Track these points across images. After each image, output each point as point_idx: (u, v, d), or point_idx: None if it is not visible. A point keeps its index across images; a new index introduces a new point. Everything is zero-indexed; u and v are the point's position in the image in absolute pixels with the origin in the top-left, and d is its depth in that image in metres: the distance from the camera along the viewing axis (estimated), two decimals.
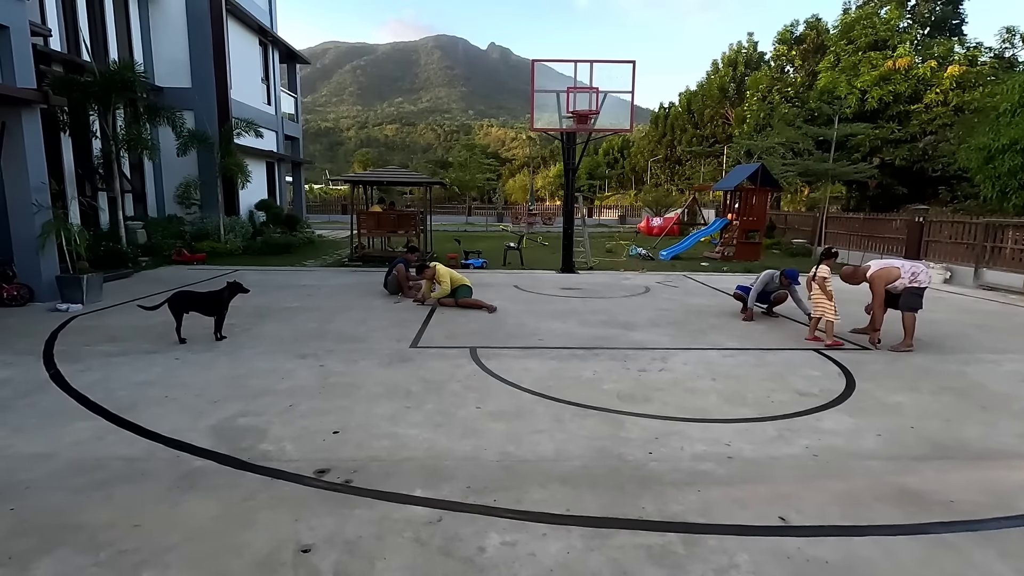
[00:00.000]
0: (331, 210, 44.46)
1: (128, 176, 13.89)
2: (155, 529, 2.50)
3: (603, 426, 3.76)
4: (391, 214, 14.12)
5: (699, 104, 45.92)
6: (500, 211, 42.15)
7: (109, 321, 6.58)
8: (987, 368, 5.32)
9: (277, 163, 20.65)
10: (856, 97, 22.50)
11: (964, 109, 20.94)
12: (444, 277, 7.77)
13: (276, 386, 4.41)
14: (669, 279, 11.31)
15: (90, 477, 2.95)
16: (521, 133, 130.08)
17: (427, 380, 4.63)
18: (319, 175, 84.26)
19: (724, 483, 3.03)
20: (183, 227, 14.27)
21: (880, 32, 23.69)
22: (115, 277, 9.38)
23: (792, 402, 4.29)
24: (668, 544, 2.47)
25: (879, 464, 3.30)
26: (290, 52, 21.77)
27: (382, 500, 2.78)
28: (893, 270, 5.95)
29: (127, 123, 12.02)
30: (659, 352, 5.66)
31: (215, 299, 5.81)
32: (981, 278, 11.43)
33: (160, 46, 15.07)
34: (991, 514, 2.75)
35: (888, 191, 23.41)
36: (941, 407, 4.26)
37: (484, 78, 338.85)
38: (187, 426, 3.61)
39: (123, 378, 4.52)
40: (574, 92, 11.49)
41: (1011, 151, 13.65)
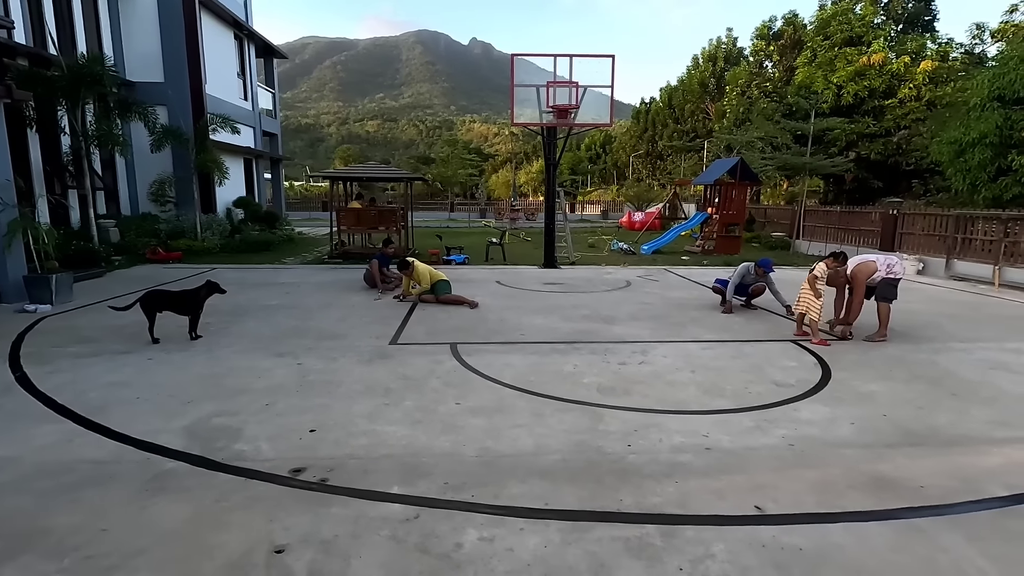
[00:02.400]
0: (311, 207, 44.00)
1: (99, 173, 13.53)
2: (124, 533, 2.44)
3: (583, 420, 3.77)
4: (372, 211, 13.98)
5: (680, 99, 46.25)
6: (483, 207, 42.07)
7: (79, 322, 6.41)
8: (957, 356, 5.44)
9: (255, 159, 20.31)
10: (832, 92, 22.82)
11: (936, 104, 21.38)
12: (423, 276, 7.74)
13: (253, 385, 4.34)
14: (650, 273, 11.39)
15: (57, 481, 2.87)
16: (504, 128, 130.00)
17: (407, 377, 4.59)
18: (299, 171, 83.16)
19: (702, 474, 3.05)
20: (158, 225, 13.94)
21: (855, 28, 24.05)
22: (86, 277, 9.15)
23: (769, 393, 4.35)
24: (646, 536, 2.47)
25: (853, 452, 3.35)
26: (267, 46, 21.39)
27: (359, 498, 2.75)
28: (871, 264, 6.07)
29: (97, 119, 11.69)
30: (639, 345, 5.69)
31: (190, 297, 5.68)
32: (952, 269, 11.71)
33: (130, 39, 14.68)
34: (960, 498, 2.81)
35: (864, 184, 23.84)
36: (913, 395, 4.35)
37: (466, 73, 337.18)
38: (159, 427, 3.53)
39: (93, 379, 4.41)
40: (554, 87, 11.48)
41: (980, 145, 13.97)
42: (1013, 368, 5.09)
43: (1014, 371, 5.00)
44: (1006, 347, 5.84)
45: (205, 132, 14.24)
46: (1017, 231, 10.50)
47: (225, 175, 15.01)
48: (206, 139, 14.22)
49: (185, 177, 14.53)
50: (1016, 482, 2.97)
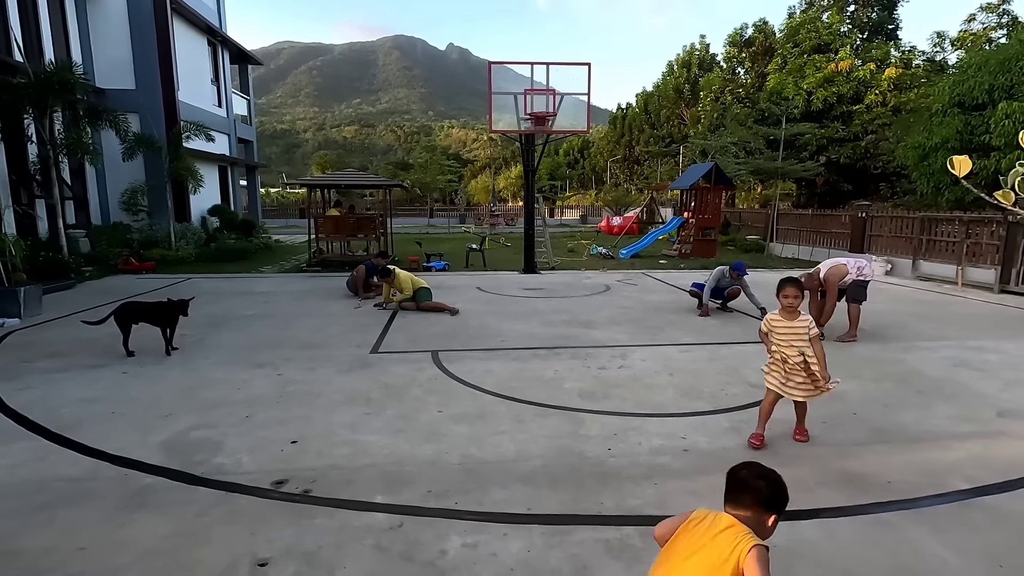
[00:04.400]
0: (289, 214, 43.46)
1: (68, 182, 13.21)
2: (101, 552, 2.40)
3: (564, 425, 3.82)
4: (350, 218, 13.90)
5: (656, 105, 46.92)
6: (462, 212, 42.05)
7: (50, 335, 6.26)
8: (923, 355, 5.65)
9: (230, 167, 20.02)
10: (803, 98, 23.46)
11: (901, 109, 22.12)
12: (404, 283, 7.75)
13: (231, 397, 4.30)
14: (629, 277, 11.54)
15: (29, 500, 2.81)
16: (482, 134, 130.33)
17: (388, 385, 4.59)
18: (276, 178, 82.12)
19: (680, 476, 3.13)
20: (130, 234, 13.65)
21: (823, 36, 24.77)
22: (56, 288, 8.92)
23: (745, 394, 4.45)
24: (626, 537, 2.53)
25: (824, 450, 3.46)
26: (241, 52, 21.15)
27: (342, 508, 2.75)
28: (842, 267, 6.26)
29: (66, 127, 11.43)
30: (619, 349, 5.78)
31: (166, 309, 5.57)
32: (918, 269, 12.11)
33: (100, 46, 14.38)
34: (924, 492, 2.93)
35: (834, 188, 24.50)
36: (881, 394, 4.50)
37: (444, 79, 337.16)
38: (136, 442, 3.48)
39: (66, 395, 4.32)
40: (532, 94, 11.59)
41: (943, 149, 14.47)
42: (974, 365, 5.30)
43: (975, 368, 5.21)
44: (968, 345, 6.07)
45: (178, 139, 14.00)
46: (978, 232, 10.91)
47: (199, 183, 14.78)
48: (180, 147, 13.99)
49: (158, 185, 14.26)
50: (976, 475, 3.10)
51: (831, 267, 6.32)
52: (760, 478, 1.68)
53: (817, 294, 6.45)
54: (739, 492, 1.68)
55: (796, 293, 3.43)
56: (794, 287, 3.46)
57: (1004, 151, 12.86)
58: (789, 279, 3.55)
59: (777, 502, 1.66)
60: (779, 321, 3.46)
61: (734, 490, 1.70)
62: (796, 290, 3.44)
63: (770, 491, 1.66)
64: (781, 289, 3.49)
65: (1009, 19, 21.12)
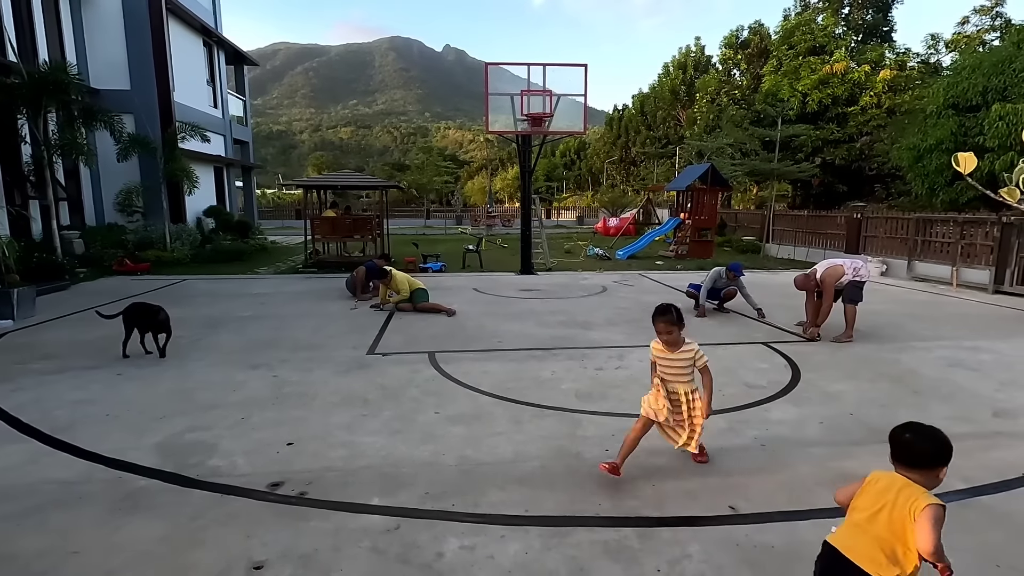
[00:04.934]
0: (285, 215, 43.33)
1: (63, 183, 13.13)
2: (94, 555, 2.38)
3: (561, 426, 3.81)
4: (347, 219, 13.87)
5: (652, 106, 47.07)
6: (459, 214, 42.03)
7: (43, 337, 6.21)
8: (919, 355, 5.66)
9: (226, 168, 19.96)
10: (798, 100, 23.56)
11: (896, 111, 22.24)
12: (401, 284, 7.73)
13: (227, 399, 4.27)
14: (625, 278, 11.54)
15: (22, 503, 2.78)
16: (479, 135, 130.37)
17: (385, 387, 4.58)
18: (272, 179, 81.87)
19: (677, 476, 3.12)
20: (125, 236, 13.58)
21: (818, 38, 24.90)
22: (50, 290, 8.86)
23: (742, 395, 4.45)
24: (623, 539, 2.52)
25: (821, 450, 3.47)
26: (237, 53, 21.09)
27: (338, 511, 2.73)
28: (838, 268, 6.28)
29: (60, 127, 11.37)
30: (616, 350, 5.77)
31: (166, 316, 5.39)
32: (913, 270, 12.16)
33: (95, 46, 14.31)
34: None
35: (830, 189, 24.61)
36: (878, 394, 4.51)
37: (440, 80, 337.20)
38: (130, 445, 3.45)
39: (59, 397, 4.28)
40: (528, 95, 11.59)
41: (938, 150, 14.57)
42: (969, 365, 5.32)
43: (970, 368, 5.23)
44: (963, 345, 6.09)
45: (174, 140, 13.95)
46: (973, 233, 10.96)
47: (195, 184, 14.72)
48: (175, 147, 13.94)
49: (153, 186, 14.20)
50: (973, 475, 3.11)
51: (828, 268, 6.33)
52: (925, 441, 1.80)
53: (814, 294, 6.47)
54: (907, 456, 1.80)
55: (667, 328, 3.04)
56: (664, 321, 3.04)
57: (998, 152, 12.94)
58: (661, 311, 3.09)
59: (944, 456, 1.79)
60: (660, 352, 3.14)
61: (902, 455, 1.81)
62: (667, 324, 3.04)
63: (936, 449, 1.79)
64: (654, 322, 3.11)
65: (1002, 21, 21.28)
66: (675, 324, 3.05)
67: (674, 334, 3.06)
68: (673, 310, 3.09)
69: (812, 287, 6.41)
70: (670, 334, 3.05)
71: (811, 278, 6.37)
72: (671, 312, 3.07)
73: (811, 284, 6.38)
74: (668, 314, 3.06)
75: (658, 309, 3.13)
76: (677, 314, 3.08)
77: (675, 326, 3.05)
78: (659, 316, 3.09)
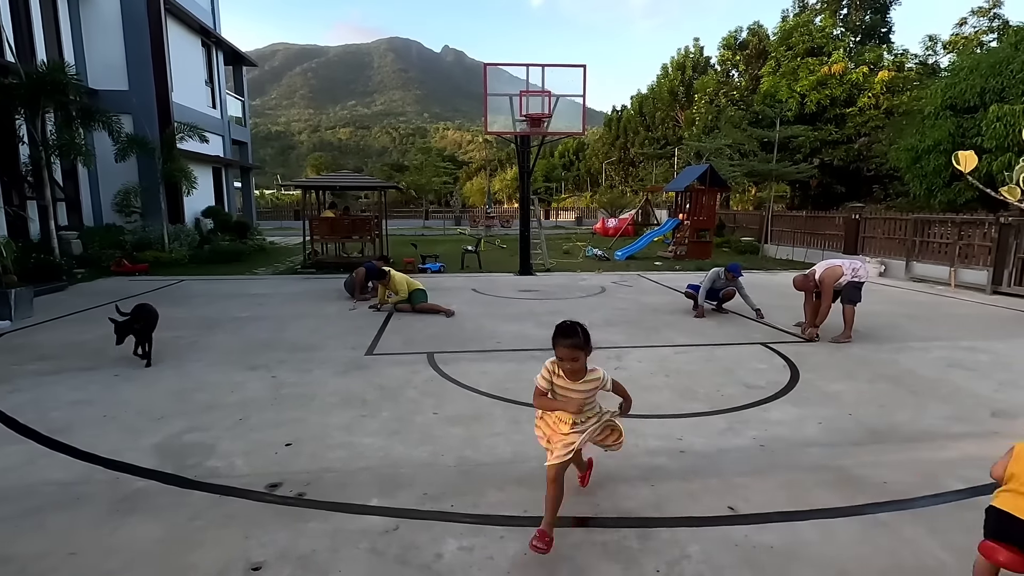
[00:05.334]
0: (283, 216, 43.32)
1: (60, 183, 13.11)
2: (92, 557, 2.37)
3: None
4: (345, 219, 13.86)
5: (650, 107, 47.08)
6: (458, 214, 42.03)
7: (41, 338, 6.19)
8: (917, 355, 5.67)
9: (224, 168, 19.94)
10: (796, 101, 23.59)
11: (894, 112, 22.28)
12: (400, 285, 7.73)
13: (225, 399, 4.26)
14: (624, 279, 11.54)
15: (20, 505, 2.77)
16: (478, 136, 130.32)
17: (383, 387, 4.57)
18: (270, 180, 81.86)
19: (676, 477, 3.12)
20: (123, 236, 13.56)
21: (816, 39, 24.93)
22: (47, 291, 8.84)
23: (741, 395, 4.46)
24: (622, 539, 2.52)
25: (820, 451, 3.47)
26: (236, 54, 21.08)
27: (337, 512, 2.73)
28: (837, 269, 6.29)
29: (58, 128, 11.35)
30: (615, 351, 5.77)
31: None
32: (911, 270, 12.18)
33: (93, 47, 14.30)
34: (920, 493, 2.93)
35: (828, 190, 24.64)
36: (876, 394, 4.52)
37: (439, 81, 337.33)
38: (128, 446, 3.44)
39: (56, 398, 4.27)
40: (527, 96, 11.60)
41: (935, 151, 14.60)
42: (967, 365, 5.32)
43: (968, 368, 5.23)
44: (961, 345, 6.10)
45: (172, 141, 13.94)
46: (970, 234, 10.98)
47: (193, 184, 14.71)
48: (173, 148, 13.92)
49: (151, 187, 14.17)
50: (972, 475, 3.11)
51: (826, 268, 6.34)
52: None
53: (812, 295, 6.48)
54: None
55: (572, 355, 2.42)
56: (569, 346, 2.41)
57: (995, 153, 12.97)
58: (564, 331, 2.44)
59: None
60: (560, 382, 2.54)
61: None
62: (572, 350, 2.41)
63: None
64: (554, 345, 2.47)
65: (1000, 23, 21.33)
66: (582, 349, 2.43)
67: (580, 361, 2.45)
68: (580, 331, 2.42)
69: (811, 288, 6.42)
70: (575, 361, 2.44)
71: (810, 279, 6.38)
72: (577, 334, 2.41)
73: (810, 285, 6.39)
74: (574, 336, 2.41)
75: (560, 329, 2.46)
76: (584, 336, 2.43)
77: (582, 351, 2.43)
78: (562, 338, 2.43)
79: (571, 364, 2.45)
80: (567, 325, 2.46)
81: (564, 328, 2.46)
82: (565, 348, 2.43)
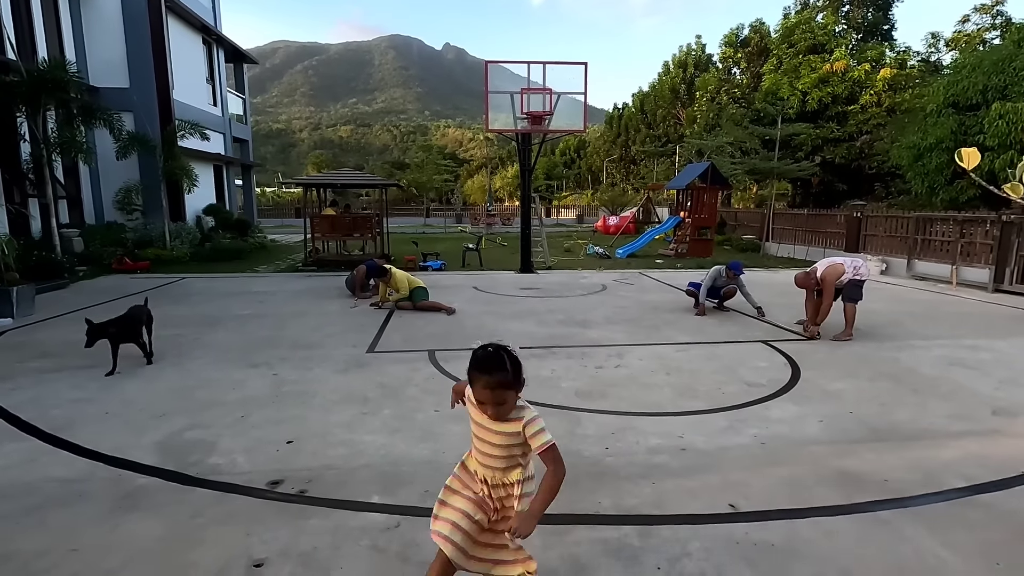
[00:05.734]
0: (284, 214, 43.36)
1: (62, 181, 13.11)
2: (93, 554, 2.38)
3: (561, 424, 3.81)
4: (346, 217, 13.86)
5: (652, 105, 47.02)
6: (459, 212, 41.99)
7: (42, 336, 6.20)
8: (918, 354, 5.66)
9: (225, 166, 19.93)
10: (798, 98, 23.53)
11: (895, 110, 22.23)
12: (401, 283, 7.72)
13: (226, 397, 4.27)
14: (625, 277, 11.54)
15: (21, 502, 2.78)
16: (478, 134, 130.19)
17: (384, 385, 4.57)
18: (271, 178, 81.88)
19: (677, 475, 3.12)
20: (124, 234, 13.57)
21: (818, 36, 24.85)
22: (49, 288, 8.86)
23: (742, 393, 4.45)
24: (624, 537, 2.52)
25: (821, 449, 3.46)
26: (236, 51, 21.06)
27: (338, 509, 2.73)
28: (839, 267, 6.29)
29: (59, 125, 11.35)
30: (615, 349, 5.77)
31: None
32: (913, 269, 12.16)
33: (94, 44, 14.29)
34: (921, 491, 2.93)
35: (829, 188, 24.60)
36: (877, 392, 4.51)
37: (440, 79, 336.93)
38: (129, 443, 3.45)
39: (58, 395, 4.28)
40: (528, 93, 11.58)
41: (937, 149, 14.57)
42: (969, 364, 5.32)
43: (969, 366, 5.23)
44: (963, 343, 6.09)
45: (173, 138, 13.93)
46: (972, 232, 10.96)
47: (194, 182, 14.70)
48: (174, 146, 13.92)
49: (152, 185, 14.18)
50: (973, 473, 3.11)
51: (828, 266, 6.34)
52: None
53: (813, 293, 6.48)
54: None
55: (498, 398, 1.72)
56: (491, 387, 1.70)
57: (998, 151, 12.93)
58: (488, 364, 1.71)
59: None
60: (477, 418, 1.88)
61: None
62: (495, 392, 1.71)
63: None
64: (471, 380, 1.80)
65: (1003, 20, 21.26)
66: (511, 388, 1.72)
67: (507, 404, 1.75)
68: (508, 361, 1.69)
69: (812, 285, 6.42)
70: (501, 404, 1.73)
71: (811, 276, 6.38)
72: (504, 367, 1.69)
73: (811, 282, 6.39)
74: (500, 371, 1.68)
75: (480, 360, 1.72)
76: (514, 369, 1.71)
77: (511, 391, 1.73)
78: (481, 373, 1.70)
79: (493, 409, 1.74)
80: (490, 353, 1.71)
81: (487, 359, 1.69)
82: (487, 389, 1.69)
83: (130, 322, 5.08)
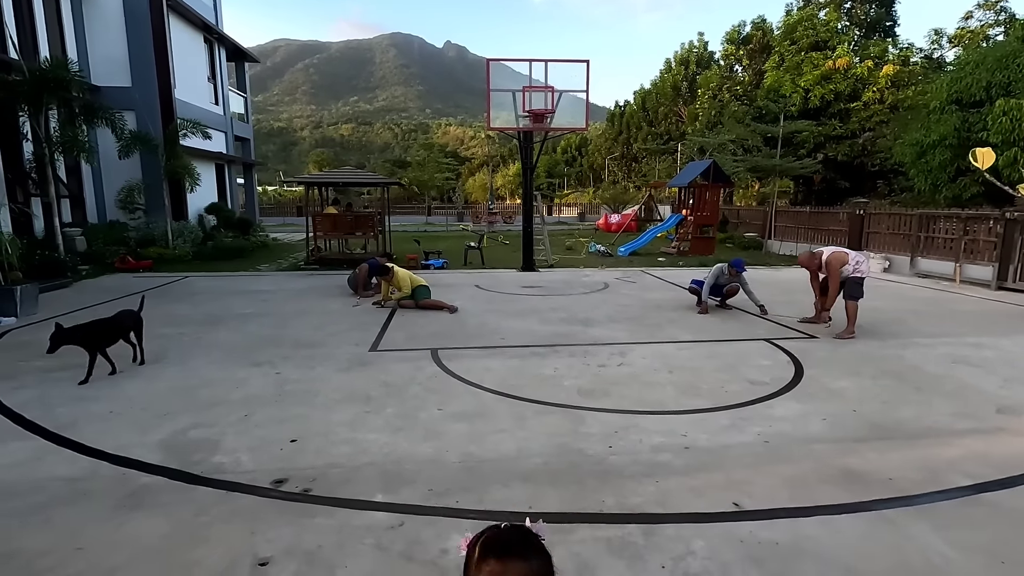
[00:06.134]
0: (286, 212, 43.35)
1: (64, 180, 13.14)
2: (98, 552, 2.38)
3: (564, 422, 3.81)
4: (348, 216, 13.86)
5: (653, 102, 46.86)
6: (460, 210, 41.97)
7: (46, 335, 6.12)
8: (922, 352, 5.65)
9: (227, 165, 19.94)
10: (800, 95, 23.44)
11: (898, 107, 22.12)
12: (403, 281, 7.73)
13: (229, 396, 4.28)
14: (627, 275, 11.52)
15: (27, 500, 2.79)
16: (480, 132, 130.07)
17: (387, 384, 4.58)
18: (273, 176, 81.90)
19: (681, 473, 3.12)
20: (127, 233, 13.59)
21: (820, 33, 24.74)
22: (52, 287, 8.88)
23: (745, 391, 4.45)
24: (627, 535, 2.52)
25: (824, 447, 3.46)
26: (238, 50, 21.05)
27: (342, 507, 2.74)
28: (844, 255, 6.35)
29: (61, 124, 11.36)
30: (618, 347, 5.77)
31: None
32: (916, 266, 12.12)
33: (96, 43, 14.29)
34: (926, 489, 2.93)
35: (832, 185, 24.50)
36: (880, 390, 4.50)
37: (441, 76, 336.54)
38: (134, 441, 3.45)
39: (62, 394, 4.29)
40: (530, 91, 11.55)
41: (940, 146, 14.50)
42: (973, 362, 5.30)
43: (974, 364, 5.21)
44: (967, 341, 6.08)
45: (175, 137, 13.93)
46: (975, 229, 10.92)
47: (196, 181, 14.70)
48: (176, 144, 13.91)
49: (155, 183, 14.18)
50: (977, 471, 3.10)
51: (834, 251, 6.41)
52: None
53: (817, 276, 6.55)
54: None
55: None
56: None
57: (1001, 148, 12.86)
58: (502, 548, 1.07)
59: None
60: None
61: None
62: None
63: None
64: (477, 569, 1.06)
65: (1007, 16, 21.14)
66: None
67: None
68: (533, 550, 1.09)
69: (814, 267, 6.51)
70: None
71: (816, 257, 6.48)
72: (528, 554, 1.08)
73: (814, 264, 6.49)
74: (523, 557, 1.08)
75: (497, 543, 1.09)
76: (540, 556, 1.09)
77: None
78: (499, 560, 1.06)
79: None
80: (514, 536, 1.12)
81: (505, 542, 1.10)
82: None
83: (107, 328, 4.81)
